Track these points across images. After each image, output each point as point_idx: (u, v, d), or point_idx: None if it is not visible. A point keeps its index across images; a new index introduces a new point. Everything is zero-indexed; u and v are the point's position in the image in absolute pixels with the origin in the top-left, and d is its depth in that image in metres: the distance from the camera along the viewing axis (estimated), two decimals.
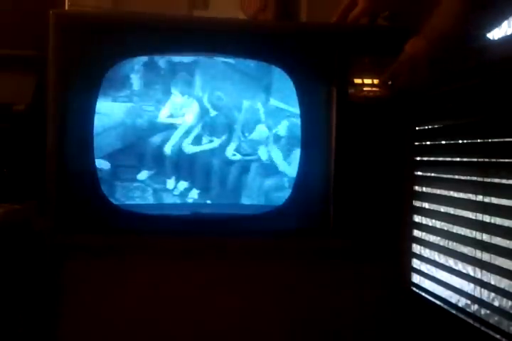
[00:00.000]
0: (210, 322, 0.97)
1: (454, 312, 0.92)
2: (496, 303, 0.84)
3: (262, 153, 0.94)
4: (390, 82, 0.91)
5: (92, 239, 0.91)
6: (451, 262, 0.95)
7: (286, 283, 0.98)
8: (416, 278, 1.05)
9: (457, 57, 0.86)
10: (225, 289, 0.97)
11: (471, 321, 0.87)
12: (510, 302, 0.81)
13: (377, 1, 0.89)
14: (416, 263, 1.05)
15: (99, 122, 0.89)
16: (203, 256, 0.94)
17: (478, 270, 0.86)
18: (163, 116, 0.92)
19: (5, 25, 1.17)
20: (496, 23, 0.76)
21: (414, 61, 0.83)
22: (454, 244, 0.94)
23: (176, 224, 0.91)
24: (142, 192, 0.92)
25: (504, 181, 0.81)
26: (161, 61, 0.92)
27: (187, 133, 0.92)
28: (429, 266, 1.01)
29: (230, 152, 0.93)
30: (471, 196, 0.89)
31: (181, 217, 0.92)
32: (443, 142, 0.98)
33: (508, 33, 0.87)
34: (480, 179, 0.86)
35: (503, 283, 0.82)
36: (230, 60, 0.93)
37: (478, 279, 0.86)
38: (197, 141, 0.92)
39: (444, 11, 0.75)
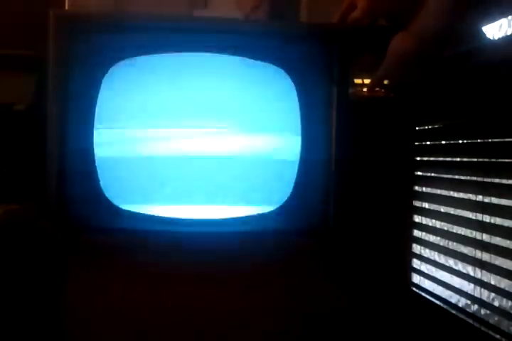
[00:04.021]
0: (208, 320, 0.97)
1: (454, 312, 0.92)
2: (496, 303, 0.83)
3: (261, 153, 0.93)
4: (386, 82, 0.91)
5: (92, 238, 0.91)
6: (451, 262, 0.95)
7: (286, 283, 0.98)
8: (416, 278, 1.05)
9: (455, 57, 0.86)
10: (224, 288, 0.97)
11: (471, 321, 0.87)
12: (510, 303, 0.81)
13: (376, 3, 0.89)
14: (416, 263, 1.05)
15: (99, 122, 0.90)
16: (202, 255, 0.94)
17: (478, 270, 0.86)
18: (163, 116, 0.92)
19: (5, 25, 1.17)
20: (486, 19, 0.77)
21: (403, 57, 0.83)
22: (454, 244, 0.94)
23: (175, 225, 0.91)
24: (143, 192, 0.92)
25: (504, 181, 0.81)
26: (161, 61, 0.92)
27: (187, 133, 0.92)
28: (429, 266, 1.01)
29: (231, 152, 0.93)
30: (471, 196, 0.89)
31: (181, 218, 0.92)
32: (443, 142, 0.98)
33: (508, 33, 0.87)
34: (480, 179, 0.86)
35: (503, 283, 0.82)
36: (231, 60, 0.92)
37: (478, 279, 0.86)
38: (197, 141, 0.92)
39: (432, 7, 0.76)
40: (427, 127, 1.02)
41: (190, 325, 0.96)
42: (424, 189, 1.04)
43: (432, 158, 1.01)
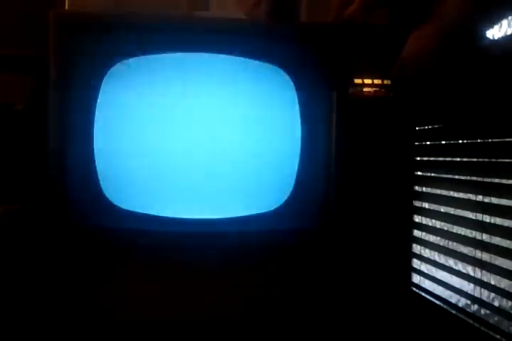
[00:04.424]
0: (208, 319, 0.97)
1: (454, 312, 0.92)
2: (496, 303, 0.83)
3: (261, 153, 0.93)
4: (389, 82, 0.91)
5: (92, 238, 0.91)
6: (451, 262, 0.95)
7: (285, 282, 0.98)
8: (416, 278, 1.05)
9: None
10: (224, 288, 0.97)
11: (471, 321, 0.87)
12: (510, 303, 0.81)
13: None
14: (416, 263, 1.05)
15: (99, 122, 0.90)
16: (202, 254, 0.94)
17: (478, 270, 0.86)
18: (163, 116, 0.92)
19: (5, 25, 1.17)
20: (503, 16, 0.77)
21: (420, 52, 0.83)
22: (454, 244, 0.94)
23: (175, 225, 0.91)
24: (143, 191, 0.92)
25: (504, 181, 0.81)
26: (161, 61, 0.92)
27: (187, 134, 0.92)
28: (429, 266, 1.01)
29: (230, 153, 0.93)
30: (471, 196, 0.89)
31: (181, 217, 0.92)
32: (443, 142, 0.98)
33: (508, 33, 0.87)
34: (480, 179, 0.86)
35: (503, 283, 0.82)
36: (230, 60, 0.92)
37: (478, 279, 0.86)
38: (197, 141, 0.92)
39: (455, 3, 0.75)
40: (427, 127, 1.02)
41: (190, 324, 0.96)
42: (424, 189, 1.04)
43: (432, 158, 1.01)
